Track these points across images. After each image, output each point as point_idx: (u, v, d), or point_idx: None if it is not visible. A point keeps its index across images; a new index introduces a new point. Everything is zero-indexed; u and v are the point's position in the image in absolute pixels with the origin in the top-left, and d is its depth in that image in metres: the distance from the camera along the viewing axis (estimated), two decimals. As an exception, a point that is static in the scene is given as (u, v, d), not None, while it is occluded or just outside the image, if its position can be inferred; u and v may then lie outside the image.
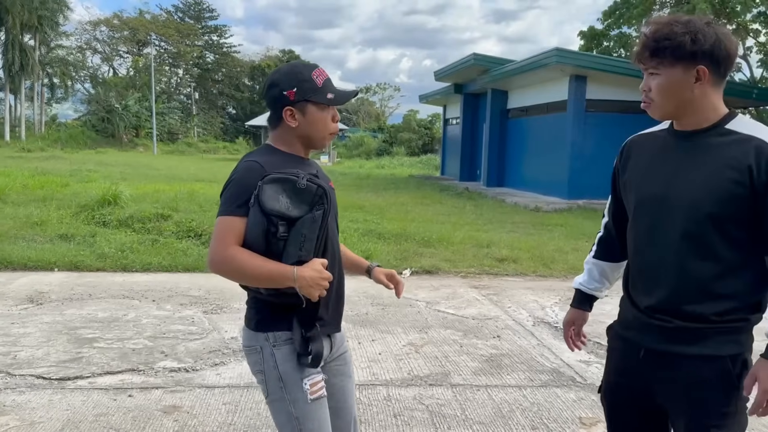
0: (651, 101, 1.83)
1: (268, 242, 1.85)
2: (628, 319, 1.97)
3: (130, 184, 13.97)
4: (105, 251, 7.64)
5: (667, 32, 1.75)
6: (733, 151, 1.74)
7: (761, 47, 22.31)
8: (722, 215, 1.74)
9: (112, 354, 4.45)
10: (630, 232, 1.97)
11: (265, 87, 2.04)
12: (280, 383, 1.96)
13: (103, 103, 44.98)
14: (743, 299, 1.78)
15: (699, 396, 1.80)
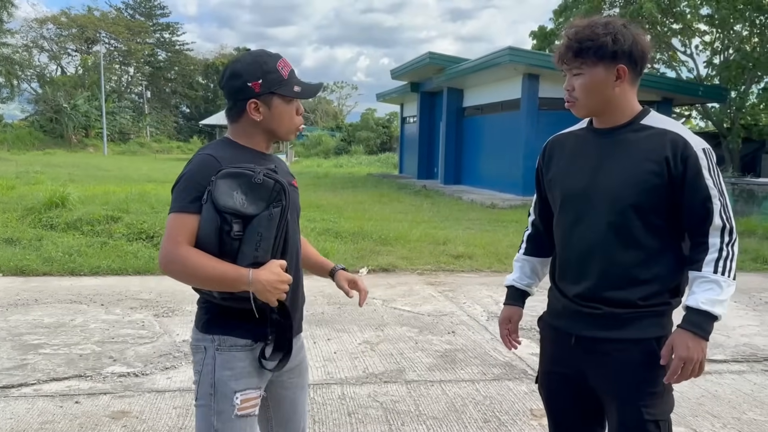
0: (575, 100, 1.93)
1: (221, 242, 1.74)
2: (557, 309, 2.05)
3: (78, 185, 13.62)
4: (52, 255, 7.43)
5: (589, 33, 1.85)
6: (650, 144, 1.86)
7: (707, 46, 23.01)
8: (643, 205, 1.85)
9: (59, 360, 4.32)
10: (557, 226, 2.05)
11: (225, 77, 1.91)
12: (211, 389, 1.85)
13: (51, 103, 43.67)
14: (664, 284, 1.90)
15: (629, 378, 1.90)
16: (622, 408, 1.91)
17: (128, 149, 44.29)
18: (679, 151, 1.83)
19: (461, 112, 21.71)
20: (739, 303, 6.46)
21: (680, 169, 1.82)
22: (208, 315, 1.89)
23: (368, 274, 7.45)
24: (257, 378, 1.89)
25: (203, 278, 1.76)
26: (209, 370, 1.86)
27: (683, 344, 1.81)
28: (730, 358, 4.76)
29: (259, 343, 1.87)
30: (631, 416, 1.89)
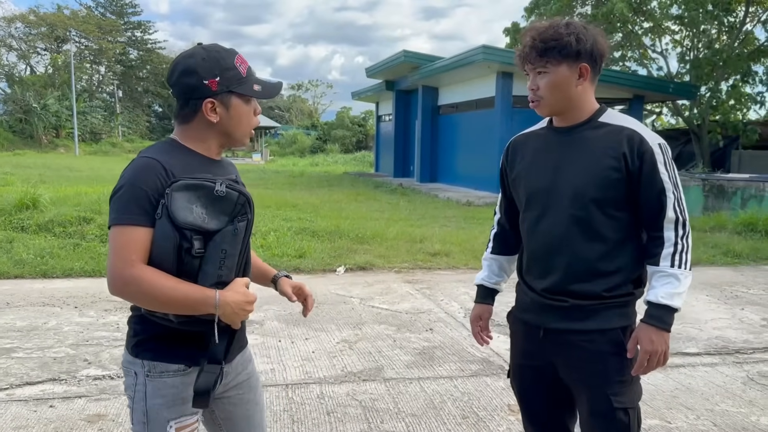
0: (540, 99, 1.97)
1: (180, 260, 1.58)
2: (525, 303, 2.11)
3: (50, 186, 13.37)
4: (23, 257, 7.30)
5: (552, 33, 1.90)
6: (608, 141, 1.93)
7: (677, 44, 23.38)
8: (604, 199, 1.92)
9: (32, 364, 4.25)
10: (522, 223, 2.11)
11: (175, 73, 1.71)
12: (144, 418, 1.71)
13: (21, 103, 42.77)
14: (627, 275, 1.97)
15: (597, 368, 1.96)
16: (591, 397, 1.97)
17: (100, 149, 43.59)
18: (636, 147, 1.89)
19: (436, 110, 21.79)
20: (711, 297, 6.59)
21: (637, 164, 1.89)
22: (138, 337, 1.73)
23: (345, 273, 7.44)
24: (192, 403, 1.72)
25: (163, 301, 1.58)
26: (141, 397, 1.72)
27: (647, 338, 1.89)
28: (703, 351, 4.85)
29: (193, 367, 1.71)
30: (601, 405, 1.94)
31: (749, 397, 3.96)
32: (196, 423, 1.79)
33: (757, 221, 10.67)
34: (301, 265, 7.54)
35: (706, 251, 8.99)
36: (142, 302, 1.63)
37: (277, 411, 3.63)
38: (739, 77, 20.87)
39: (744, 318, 5.80)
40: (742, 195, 12.44)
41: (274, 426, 3.44)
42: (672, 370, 4.42)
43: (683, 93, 20.03)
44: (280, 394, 3.86)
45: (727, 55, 20.25)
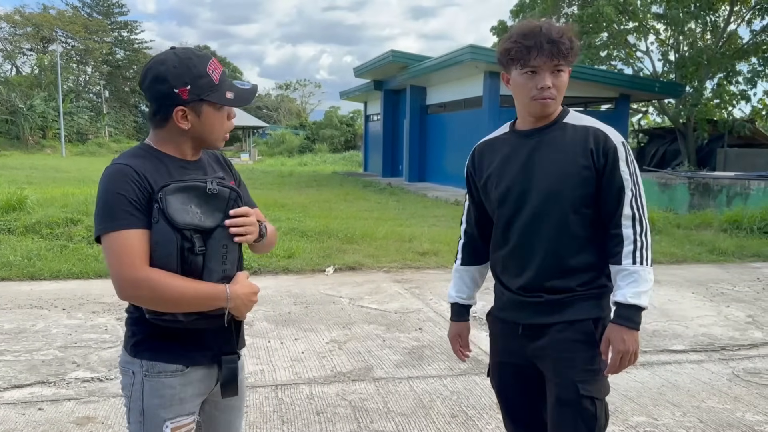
0: (554, 97, 1.98)
1: (183, 260, 1.61)
2: (502, 302, 2.16)
3: (36, 188, 13.29)
4: (10, 259, 7.24)
5: (569, 34, 1.95)
6: (576, 140, 1.99)
7: (662, 43, 23.54)
8: (577, 197, 1.97)
9: (20, 366, 4.23)
10: (496, 225, 2.14)
11: (147, 79, 1.71)
12: (140, 417, 1.74)
13: (6, 104, 42.35)
14: (599, 269, 2.03)
15: (567, 356, 2.00)
16: (559, 384, 2.01)
17: (87, 150, 43.28)
18: (601, 144, 1.96)
19: (425, 109, 21.83)
20: (697, 294, 6.66)
21: (602, 161, 1.96)
22: (136, 337, 1.75)
23: (335, 273, 7.45)
24: (189, 403, 1.78)
25: (176, 301, 1.62)
26: (138, 397, 1.74)
27: (619, 338, 1.94)
28: (689, 348, 4.90)
29: (191, 367, 1.75)
30: (568, 392, 1.98)
31: (735, 394, 4.01)
32: (192, 424, 1.80)
33: (743, 219, 10.77)
34: (290, 266, 7.54)
35: (691, 249, 9.08)
36: (154, 304, 1.64)
37: (267, 412, 3.63)
38: (723, 76, 21.03)
39: (729, 315, 5.86)
40: (728, 193, 12.55)
41: (264, 427, 3.45)
42: (658, 367, 4.46)
43: (669, 92, 20.18)
44: (269, 395, 3.87)
45: (710, 54, 20.41)
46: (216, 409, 1.91)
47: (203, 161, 1.86)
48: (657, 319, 5.65)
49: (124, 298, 1.65)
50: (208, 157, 1.90)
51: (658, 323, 5.50)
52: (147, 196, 1.64)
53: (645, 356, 4.65)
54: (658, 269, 7.90)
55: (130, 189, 1.62)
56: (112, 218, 1.61)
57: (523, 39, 1.93)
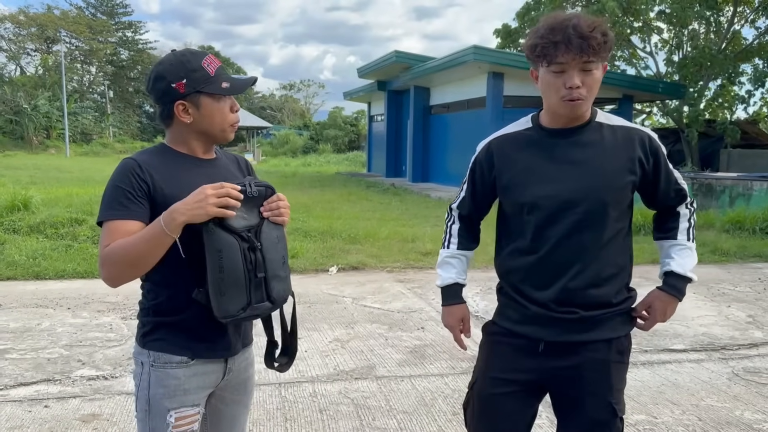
0: (584, 98, 1.81)
1: (247, 260, 1.71)
2: (522, 315, 1.97)
3: (41, 188, 13.36)
4: (15, 259, 7.31)
5: (603, 29, 1.78)
6: (617, 142, 1.90)
7: (665, 43, 23.54)
8: (616, 202, 1.90)
9: (26, 365, 4.28)
10: (520, 232, 1.96)
11: (150, 81, 1.82)
12: (146, 406, 1.81)
13: (11, 104, 42.51)
14: (625, 277, 1.99)
15: (602, 377, 1.93)
16: (593, 406, 1.93)
17: (91, 150, 43.41)
18: (647, 146, 1.91)
19: (428, 110, 21.86)
20: (698, 294, 6.67)
21: (652, 163, 1.92)
22: (145, 328, 1.84)
23: (338, 273, 7.49)
24: (194, 395, 1.83)
25: (133, 255, 1.66)
26: (145, 386, 1.81)
27: (663, 308, 1.98)
28: (689, 348, 4.93)
29: (196, 359, 1.81)
30: (604, 413, 1.92)
31: (734, 392, 4.04)
32: (197, 415, 1.85)
33: (745, 219, 10.78)
34: (293, 265, 7.58)
35: (694, 249, 9.08)
36: (121, 268, 1.69)
37: (271, 409, 3.67)
38: (726, 77, 21.03)
39: (730, 315, 5.88)
40: (730, 193, 12.56)
41: (268, 424, 3.49)
42: (658, 366, 4.49)
43: (672, 92, 20.19)
44: (273, 393, 3.91)
45: (713, 54, 20.41)
46: (222, 403, 1.96)
47: (221, 162, 1.93)
48: (658, 318, 5.68)
49: (102, 277, 1.73)
50: (227, 159, 1.98)
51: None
52: (145, 188, 1.73)
53: (645, 355, 4.68)
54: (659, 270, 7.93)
55: (128, 182, 1.72)
56: (107, 209, 1.72)
57: (551, 34, 1.77)
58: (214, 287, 1.70)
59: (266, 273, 1.76)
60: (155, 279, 1.79)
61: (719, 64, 20.31)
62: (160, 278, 1.78)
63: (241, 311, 1.74)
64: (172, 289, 1.78)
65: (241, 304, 1.73)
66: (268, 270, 1.76)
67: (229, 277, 1.69)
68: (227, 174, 1.89)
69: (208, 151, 1.90)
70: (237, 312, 1.73)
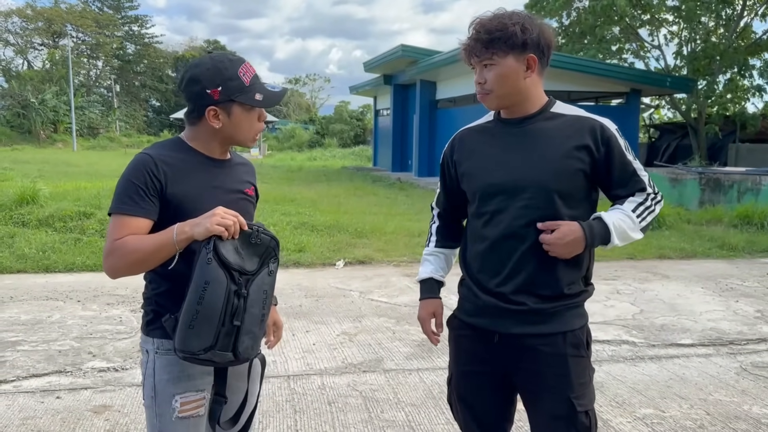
0: (489, 92, 1.90)
1: (229, 301, 1.69)
2: (476, 306, 1.98)
3: (49, 181, 13.41)
4: (25, 252, 7.36)
5: (497, 24, 1.84)
6: (568, 131, 1.88)
7: (674, 37, 23.42)
8: (565, 191, 1.87)
9: (38, 356, 4.32)
10: (475, 220, 2.00)
11: (184, 81, 1.85)
12: (152, 392, 1.85)
13: (18, 98, 42.66)
14: (581, 268, 1.93)
15: (558, 371, 1.89)
16: (552, 401, 1.90)
17: (98, 144, 43.56)
18: (599, 135, 1.87)
19: (434, 104, 21.83)
20: (706, 289, 6.67)
21: (603, 152, 1.87)
22: (148, 317, 1.88)
23: (345, 267, 7.51)
24: (198, 380, 1.86)
25: (140, 255, 1.71)
26: (150, 373, 1.85)
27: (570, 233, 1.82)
28: (697, 342, 4.93)
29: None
30: (564, 408, 1.88)
31: (742, 387, 4.04)
32: (202, 400, 1.87)
33: (753, 214, 10.74)
34: (300, 259, 7.61)
35: (701, 244, 9.07)
36: (125, 264, 1.73)
37: (280, 401, 3.70)
38: (736, 70, 20.92)
39: (738, 310, 5.88)
40: (739, 188, 12.51)
41: (277, 416, 3.51)
42: (666, 360, 4.50)
43: (680, 87, 20.09)
44: (282, 385, 3.94)
45: (723, 48, 20.30)
46: (227, 391, 1.96)
47: (233, 163, 1.98)
48: (666, 313, 5.68)
49: (105, 269, 1.78)
50: (239, 161, 2.02)
51: (666, 317, 5.53)
52: (158, 186, 1.77)
53: (653, 350, 4.68)
54: (668, 264, 7.92)
55: (142, 179, 1.75)
56: (118, 202, 1.76)
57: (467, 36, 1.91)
58: (186, 317, 1.68)
59: (242, 323, 1.72)
60: (157, 270, 1.82)
61: (729, 57, 20.20)
62: (162, 269, 1.80)
63: (201, 351, 1.70)
64: (171, 282, 1.80)
65: (205, 345, 1.70)
66: (245, 321, 1.73)
67: (204, 312, 1.67)
68: (237, 177, 1.95)
69: (224, 153, 1.94)
70: (197, 351, 1.70)
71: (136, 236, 1.72)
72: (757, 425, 3.49)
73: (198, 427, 1.88)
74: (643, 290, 6.54)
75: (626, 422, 3.50)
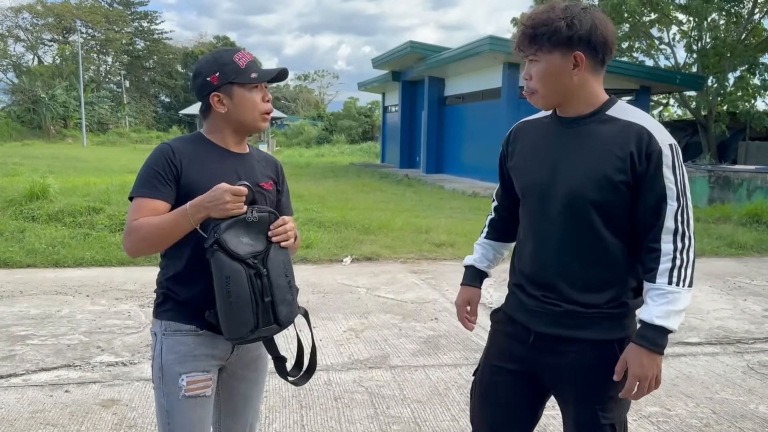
0: (533, 91, 1.83)
1: (253, 286, 1.80)
2: (517, 303, 1.96)
3: (58, 177, 13.52)
4: (35, 247, 7.42)
5: (544, 18, 1.75)
6: (615, 137, 1.75)
7: (684, 34, 23.25)
8: (604, 202, 1.75)
9: (47, 350, 4.36)
10: (523, 219, 1.98)
11: (191, 79, 2.02)
12: (159, 373, 1.93)
13: (29, 93, 42.94)
14: (625, 284, 1.82)
15: (586, 381, 1.83)
16: (577, 410, 1.86)
17: (107, 140, 43.76)
18: (644, 146, 1.72)
19: (443, 101, 21.79)
20: (714, 287, 6.64)
21: (644, 165, 1.72)
22: (158, 300, 1.99)
23: (352, 263, 7.53)
24: (203, 362, 1.94)
25: (159, 234, 1.82)
26: (158, 354, 1.94)
27: (637, 362, 1.72)
28: (704, 341, 4.92)
29: (204, 330, 1.92)
30: (587, 419, 1.84)
31: (749, 386, 4.03)
32: (208, 381, 1.96)
33: (763, 213, 10.69)
34: (308, 256, 7.63)
35: (710, 242, 9.03)
36: (143, 241, 1.84)
37: (286, 397, 3.72)
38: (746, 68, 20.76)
39: (746, 309, 5.86)
40: (748, 186, 12.44)
41: (283, 411, 3.54)
42: (673, 359, 4.49)
43: (690, 84, 19.97)
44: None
45: (733, 45, 20.15)
46: (234, 379, 2.08)
47: (251, 157, 2.06)
48: (673, 311, 5.66)
49: (125, 249, 1.88)
50: (259, 156, 2.10)
51: (673, 316, 5.51)
52: (175, 172, 1.88)
53: (660, 348, 4.67)
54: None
55: (161, 165, 1.87)
56: (139, 187, 1.87)
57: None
58: (222, 311, 1.80)
59: (273, 297, 1.85)
60: (168, 254, 1.95)
61: (739, 54, 20.06)
62: (172, 253, 1.93)
63: (249, 333, 1.83)
64: (178, 267, 1.92)
65: (249, 327, 1.82)
66: (275, 294, 1.85)
67: (236, 302, 1.79)
68: (253, 170, 2.02)
69: (240, 144, 2.03)
70: (246, 334, 1.83)
71: (150, 216, 1.83)
72: (763, 424, 3.49)
73: (205, 407, 1.96)
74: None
75: (632, 420, 3.50)
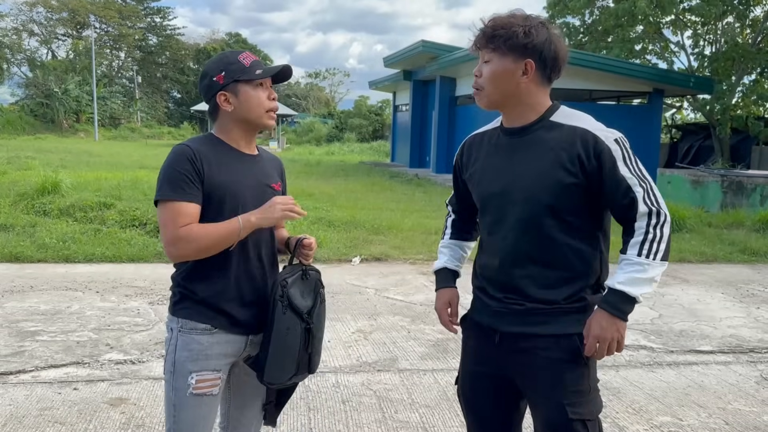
0: (481, 88, 1.92)
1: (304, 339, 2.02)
2: (481, 306, 2.03)
3: (70, 171, 13.55)
4: (46, 242, 7.44)
5: (504, 22, 1.85)
6: (561, 143, 1.84)
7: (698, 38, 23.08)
8: (559, 205, 1.84)
9: (56, 347, 4.36)
10: (481, 228, 2.08)
11: (199, 82, 2.07)
12: (171, 368, 1.99)
13: (42, 87, 43.13)
14: (585, 281, 1.90)
15: (552, 376, 1.88)
16: (546, 407, 1.90)
17: (119, 135, 43.93)
18: (590, 147, 1.80)
19: (454, 100, 21.71)
20: (727, 295, 6.57)
21: (595, 165, 1.80)
22: (175, 297, 2.03)
23: (361, 264, 7.51)
24: (215, 361, 1.99)
25: (209, 242, 1.89)
26: (172, 350, 2.00)
27: (597, 324, 1.81)
28: (717, 349, 4.86)
29: (218, 329, 1.99)
30: (557, 415, 1.86)
31: (762, 397, 3.98)
32: (217, 380, 2.01)
33: (776, 219, 10.58)
34: (316, 255, 7.61)
35: (723, 248, 8.95)
36: (195, 252, 1.91)
37: (294, 399, 3.69)
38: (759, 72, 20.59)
39: (759, 317, 5.79)
40: (762, 192, 12.31)
41: (291, 413, 3.52)
42: (685, 367, 4.44)
43: (703, 87, 19.81)
44: (296, 383, 3.94)
45: (745, 49, 19.97)
46: (245, 374, 2.12)
47: (262, 158, 2.13)
48: (685, 319, 5.61)
49: (170, 255, 1.93)
50: (268, 157, 2.18)
51: (685, 323, 5.46)
52: (198, 172, 1.92)
53: (671, 356, 4.62)
54: (688, 268, 7.82)
55: (188, 167, 1.91)
56: (167, 189, 1.90)
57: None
58: (274, 358, 1.97)
59: (313, 349, 2.06)
60: None
61: (752, 58, 19.88)
62: None
63: (287, 380, 2.04)
64: (198, 266, 1.97)
65: (289, 375, 2.03)
66: (315, 346, 2.06)
67: (289, 352, 1.99)
68: (266, 171, 2.11)
69: (250, 144, 2.08)
70: (286, 380, 2.04)
71: (200, 225, 1.90)
72: (776, 437, 3.44)
73: (211, 405, 2.01)
74: (662, 294, 6.45)
75: (643, 429, 3.46)
